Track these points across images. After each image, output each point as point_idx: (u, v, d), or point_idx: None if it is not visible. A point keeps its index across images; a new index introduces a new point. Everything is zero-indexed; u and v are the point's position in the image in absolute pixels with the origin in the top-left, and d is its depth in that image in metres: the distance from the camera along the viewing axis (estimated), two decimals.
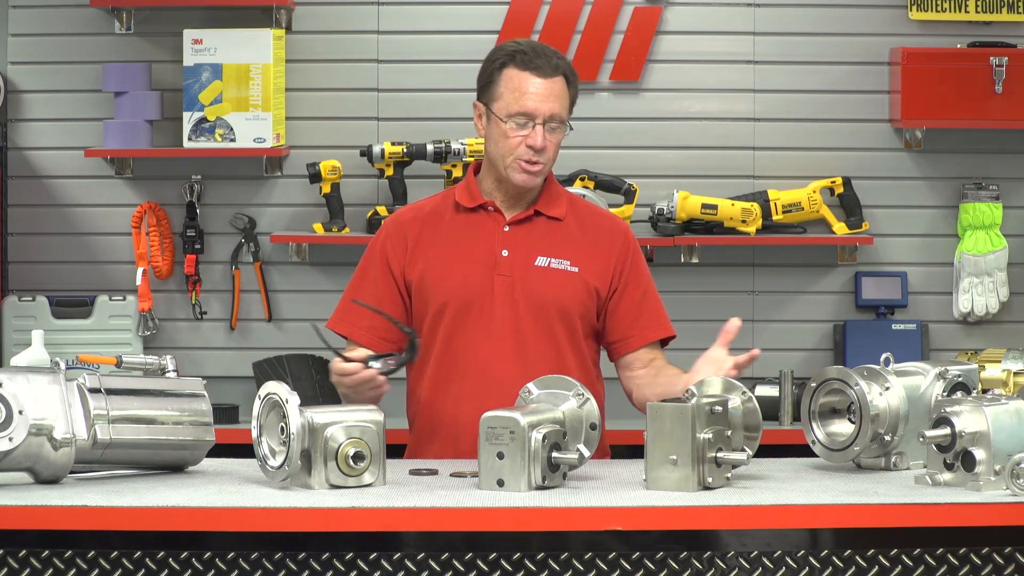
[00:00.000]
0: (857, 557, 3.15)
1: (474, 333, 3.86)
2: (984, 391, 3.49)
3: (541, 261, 3.90)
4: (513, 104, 3.83)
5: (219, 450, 3.56)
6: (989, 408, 3.25)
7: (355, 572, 3.12)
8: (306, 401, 3.42)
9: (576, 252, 3.91)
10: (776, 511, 3.16)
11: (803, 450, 3.57)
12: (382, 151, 5.68)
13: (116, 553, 3.12)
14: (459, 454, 3.77)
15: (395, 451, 3.77)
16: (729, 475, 3.29)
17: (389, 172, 5.69)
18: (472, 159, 5.59)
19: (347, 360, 3.69)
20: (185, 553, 3.12)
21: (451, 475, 3.46)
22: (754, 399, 3.45)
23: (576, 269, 3.90)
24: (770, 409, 5.51)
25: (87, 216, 5.85)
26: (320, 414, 3.30)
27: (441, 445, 3.84)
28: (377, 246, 3.97)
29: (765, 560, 3.14)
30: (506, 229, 3.91)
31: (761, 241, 5.77)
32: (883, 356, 3.53)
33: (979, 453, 3.24)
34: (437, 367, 3.89)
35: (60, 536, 3.11)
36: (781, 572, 3.15)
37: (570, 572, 3.13)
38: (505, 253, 3.89)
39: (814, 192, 5.79)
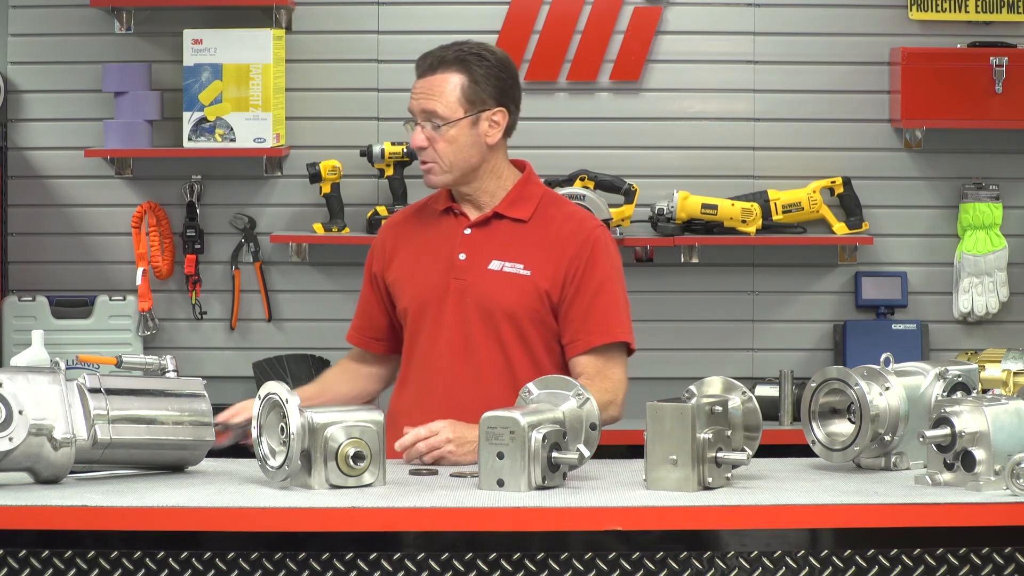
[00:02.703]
0: (857, 557, 3.15)
1: (428, 337, 3.83)
2: (984, 391, 3.48)
3: (495, 265, 3.82)
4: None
5: (219, 450, 3.56)
6: (989, 408, 3.25)
7: (355, 572, 3.12)
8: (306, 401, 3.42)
9: (531, 255, 3.81)
10: (776, 511, 3.16)
11: (803, 450, 3.57)
12: (382, 151, 5.68)
13: (116, 553, 3.12)
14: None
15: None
16: (729, 475, 3.29)
17: (389, 172, 5.69)
18: None
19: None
20: (185, 553, 3.12)
21: (451, 475, 3.46)
22: (754, 399, 3.45)
23: (528, 272, 3.80)
24: (770, 409, 5.50)
25: (87, 216, 5.85)
26: (320, 414, 3.29)
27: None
28: (369, 253, 4.00)
29: (765, 560, 3.14)
30: (467, 232, 3.85)
31: (761, 241, 5.77)
32: (883, 356, 3.52)
33: (979, 453, 3.24)
34: (402, 371, 3.89)
35: (60, 536, 3.11)
36: (781, 572, 3.14)
37: (570, 572, 3.13)
38: (462, 256, 3.83)
39: (814, 192, 5.78)
